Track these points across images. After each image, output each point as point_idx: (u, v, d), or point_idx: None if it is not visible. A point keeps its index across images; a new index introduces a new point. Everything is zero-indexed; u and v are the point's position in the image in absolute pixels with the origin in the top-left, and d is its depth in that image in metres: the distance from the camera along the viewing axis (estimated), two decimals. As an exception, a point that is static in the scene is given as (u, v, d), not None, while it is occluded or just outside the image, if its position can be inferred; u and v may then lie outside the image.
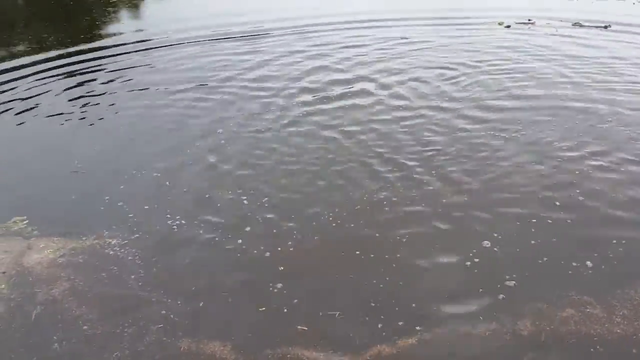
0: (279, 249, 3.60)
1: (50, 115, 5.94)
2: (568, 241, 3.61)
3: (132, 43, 8.78)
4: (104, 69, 7.52)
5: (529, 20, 9.41)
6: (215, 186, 4.40)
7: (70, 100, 6.38)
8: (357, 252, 3.54)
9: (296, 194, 4.27)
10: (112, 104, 6.22)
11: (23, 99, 6.39)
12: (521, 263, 3.40)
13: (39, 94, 6.53)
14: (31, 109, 6.14)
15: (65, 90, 6.72)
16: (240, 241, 3.70)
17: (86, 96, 6.48)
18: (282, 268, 3.42)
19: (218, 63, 7.50)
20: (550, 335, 2.87)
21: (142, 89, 6.61)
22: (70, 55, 8.17)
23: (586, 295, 3.11)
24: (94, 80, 7.10)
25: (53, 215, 4.06)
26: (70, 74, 7.31)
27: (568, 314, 2.98)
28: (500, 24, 9.25)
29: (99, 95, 6.50)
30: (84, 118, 5.85)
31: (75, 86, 6.86)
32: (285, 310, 3.09)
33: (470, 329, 2.92)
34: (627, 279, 3.23)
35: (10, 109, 6.14)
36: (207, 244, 3.70)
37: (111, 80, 7.00)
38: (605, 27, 8.76)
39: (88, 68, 7.55)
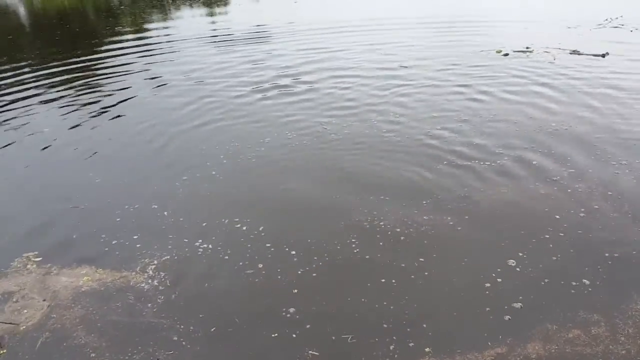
0: (292, 272, 3.67)
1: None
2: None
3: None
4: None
5: (527, 48, 9.64)
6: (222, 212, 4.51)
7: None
8: (374, 277, 3.60)
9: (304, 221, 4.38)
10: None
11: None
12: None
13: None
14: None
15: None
16: (254, 268, 3.76)
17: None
18: (295, 291, 3.49)
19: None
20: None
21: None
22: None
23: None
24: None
25: (64, 249, 4.09)
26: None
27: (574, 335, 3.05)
28: (498, 52, 9.47)
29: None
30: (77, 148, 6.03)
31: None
32: (296, 335, 3.14)
33: (479, 351, 2.98)
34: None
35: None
36: (221, 271, 3.76)
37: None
38: (603, 55, 8.95)
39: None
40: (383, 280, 3.55)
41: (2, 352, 3.15)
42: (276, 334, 3.14)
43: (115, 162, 5.64)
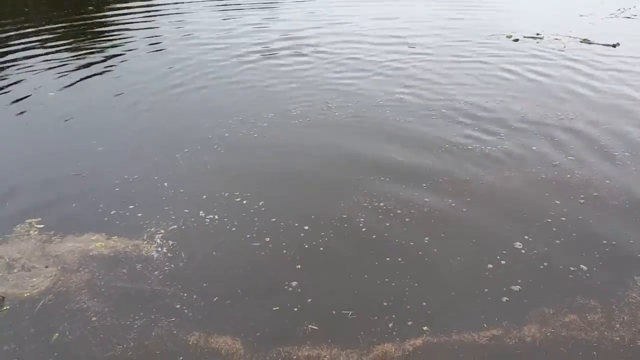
0: (297, 247, 3.71)
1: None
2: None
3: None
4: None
5: (538, 34, 9.55)
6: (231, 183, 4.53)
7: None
8: (377, 255, 3.64)
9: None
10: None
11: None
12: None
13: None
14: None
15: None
16: (260, 241, 3.80)
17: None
18: (299, 266, 3.53)
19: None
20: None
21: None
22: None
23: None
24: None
25: (66, 216, 4.12)
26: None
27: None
28: (508, 37, 9.39)
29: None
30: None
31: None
32: (297, 308, 3.19)
33: (476, 332, 3.03)
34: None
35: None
36: (227, 242, 3.80)
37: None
38: (614, 45, 8.87)
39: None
40: (388, 259, 3.60)
41: (5, 309, 3.20)
42: (277, 307, 3.20)
43: (117, 131, 5.65)
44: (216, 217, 4.07)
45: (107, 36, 9.68)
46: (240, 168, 4.83)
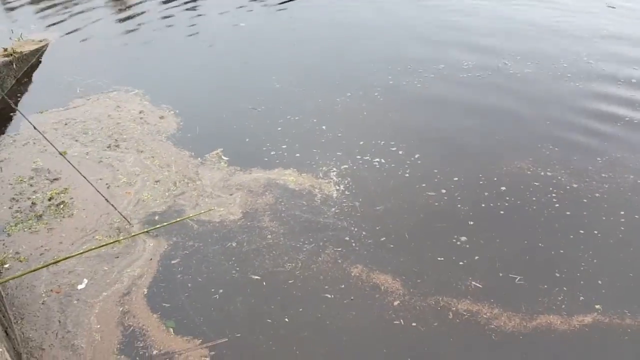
0: (473, 204, 3.69)
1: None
2: None
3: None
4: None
5: None
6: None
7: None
8: (557, 225, 3.49)
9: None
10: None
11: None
12: None
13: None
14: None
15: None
16: (436, 191, 3.83)
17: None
18: (471, 223, 3.52)
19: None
20: None
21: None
22: None
23: None
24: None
25: (242, 149, 4.42)
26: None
27: None
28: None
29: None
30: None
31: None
32: (463, 263, 3.21)
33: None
34: None
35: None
36: (401, 187, 3.89)
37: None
38: None
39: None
40: (577, 231, 3.43)
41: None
42: (442, 258, 3.26)
43: (294, 70, 5.88)
44: (383, 161, 4.17)
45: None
46: (396, 118, 4.83)
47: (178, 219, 3.60)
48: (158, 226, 3.53)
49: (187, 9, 8.13)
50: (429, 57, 5.98)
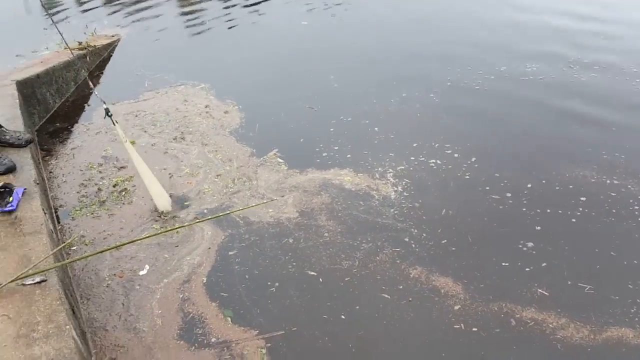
0: (540, 209, 3.55)
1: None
2: None
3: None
4: None
5: None
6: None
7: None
8: (636, 236, 3.30)
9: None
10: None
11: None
12: None
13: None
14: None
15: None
16: (501, 194, 3.71)
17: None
18: (539, 228, 3.39)
19: None
20: None
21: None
22: None
23: None
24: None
25: (297, 148, 4.42)
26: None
27: None
28: None
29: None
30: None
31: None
32: (529, 269, 3.09)
33: None
34: None
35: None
36: (462, 189, 3.80)
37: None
38: None
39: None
40: None
41: None
42: (507, 263, 3.14)
43: (354, 68, 5.87)
44: (439, 162, 4.09)
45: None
46: (452, 120, 4.71)
47: (237, 209, 3.64)
48: (215, 216, 3.59)
49: (247, 6, 8.35)
50: (489, 58, 5.83)
